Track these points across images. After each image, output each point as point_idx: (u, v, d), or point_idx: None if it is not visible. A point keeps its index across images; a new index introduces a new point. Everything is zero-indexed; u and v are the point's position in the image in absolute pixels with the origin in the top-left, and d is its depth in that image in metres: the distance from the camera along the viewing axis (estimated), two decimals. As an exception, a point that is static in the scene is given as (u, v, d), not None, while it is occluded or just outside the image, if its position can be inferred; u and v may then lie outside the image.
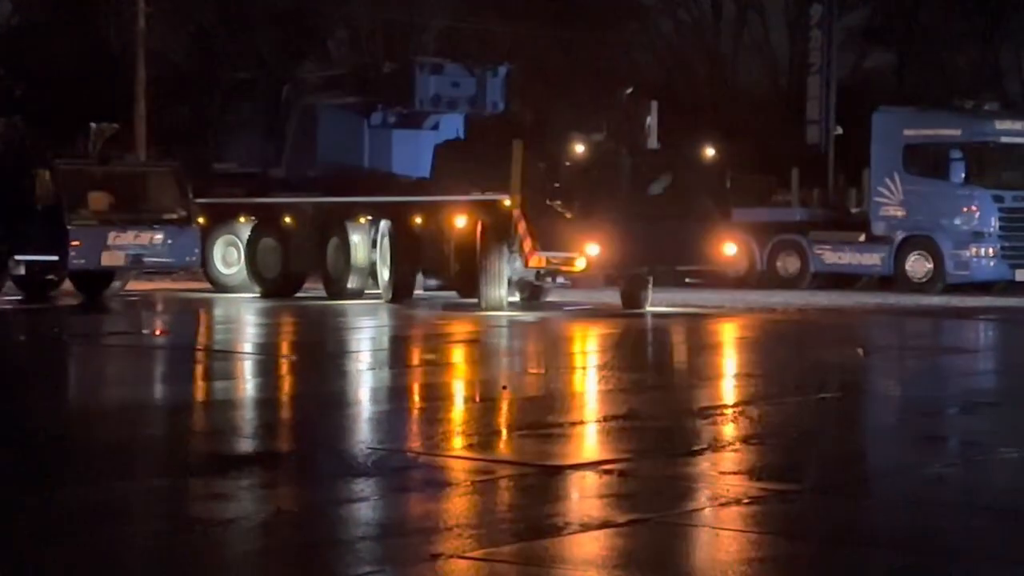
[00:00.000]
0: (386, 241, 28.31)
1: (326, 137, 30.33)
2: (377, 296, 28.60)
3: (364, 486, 10.09)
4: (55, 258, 27.39)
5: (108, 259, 27.65)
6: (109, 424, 13.24)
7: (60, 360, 19.46)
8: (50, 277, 29.13)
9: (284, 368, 18.31)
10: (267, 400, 15.02)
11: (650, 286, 26.96)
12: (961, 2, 48.88)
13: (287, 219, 30.02)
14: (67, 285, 29.76)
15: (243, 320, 25.84)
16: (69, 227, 27.09)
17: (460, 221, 27.14)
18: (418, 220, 27.93)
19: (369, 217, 28.70)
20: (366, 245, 28.65)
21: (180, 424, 13.09)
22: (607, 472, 10.39)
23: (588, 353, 20.98)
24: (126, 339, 22.07)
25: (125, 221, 27.85)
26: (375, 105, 29.95)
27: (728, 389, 15.90)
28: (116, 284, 29.04)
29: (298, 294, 30.14)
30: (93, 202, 27.88)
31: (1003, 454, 11.57)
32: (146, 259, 28.19)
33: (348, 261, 28.65)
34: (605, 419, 13.30)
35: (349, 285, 28.71)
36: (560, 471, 10.50)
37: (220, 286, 31.02)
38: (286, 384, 16.61)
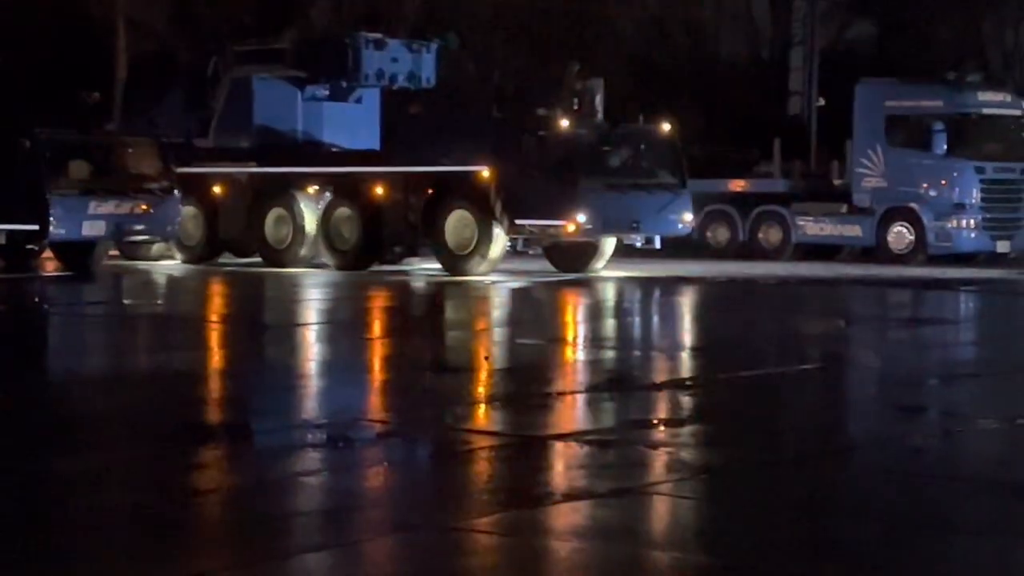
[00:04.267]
0: (338, 211, 29.02)
1: (261, 109, 30.77)
2: (323, 265, 29.36)
3: (341, 457, 10.09)
4: (36, 227, 27.28)
5: (89, 229, 27.56)
6: (86, 395, 13.23)
7: (40, 330, 19.43)
8: (31, 247, 29.02)
9: (251, 335, 18.30)
10: (241, 372, 15.01)
11: (603, 252, 28.64)
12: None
13: (216, 188, 30.47)
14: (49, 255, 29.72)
15: (213, 289, 25.87)
16: (49, 196, 26.99)
17: (429, 191, 27.93)
18: (379, 191, 28.56)
19: (317, 187, 29.29)
20: (315, 215, 29.26)
21: (162, 394, 13.08)
22: (589, 443, 10.40)
23: (574, 323, 21.01)
24: (105, 309, 22.04)
25: (106, 191, 27.76)
26: (313, 78, 30.31)
27: (709, 360, 15.91)
28: (98, 253, 28.95)
29: (224, 261, 30.80)
30: (73, 171, 27.76)
31: (982, 425, 11.61)
32: (127, 229, 28.11)
33: (295, 230, 29.31)
34: (586, 389, 13.31)
35: (301, 253, 29.43)
36: (542, 441, 10.51)
37: (135, 256, 31.15)
38: (258, 352, 16.60)
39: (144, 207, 28.04)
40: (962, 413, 12.37)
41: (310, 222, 29.48)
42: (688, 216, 28.67)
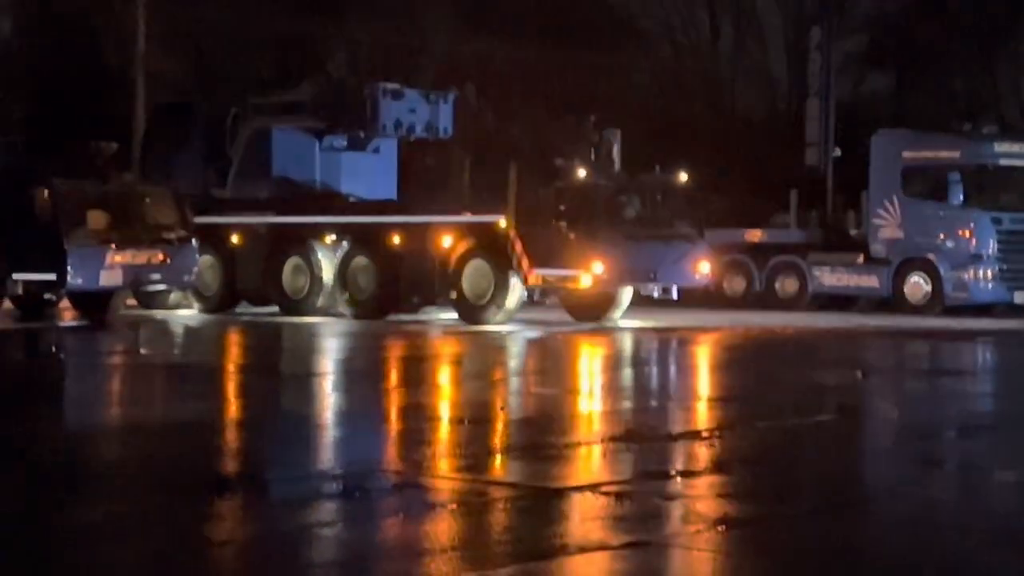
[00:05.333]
0: (356, 260, 29.13)
1: (280, 159, 30.95)
2: (340, 315, 29.41)
3: (356, 508, 10.07)
4: (53, 277, 27.35)
5: (106, 278, 27.62)
6: (104, 444, 13.22)
7: (57, 380, 19.44)
8: (48, 296, 29.09)
9: (270, 386, 18.30)
10: (260, 420, 15.00)
11: (621, 302, 28.66)
12: (959, 26, 48.94)
13: (234, 238, 30.56)
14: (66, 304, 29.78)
15: (231, 339, 25.88)
16: (67, 246, 27.06)
17: (447, 241, 27.90)
18: (396, 241, 28.65)
19: (334, 237, 29.35)
20: (332, 264, 29.33)
21: (180, 444, 13.07)
22: (605, 494, 10.38)
23: (591, 373, 20.98)
24: (122, 358, 22.06)
25: (123, 240, 27.83)
26: (331, 129, 30.46)
27: (726, 410, 15.87)
28: (115, 303, 28.99)
29: (241, 310, 30.91)
30: (92, 221, 27.84)
31: (1000, 477, 11.56)
32: (144, 278, 28.18)
33: (313, 280, 29.41)
34: (603, 440, 13.28)
35: (318, 303, 29.54)
36: (558, 493, 10.49)
37: (152, 305, 31.19)
38: (277, 403, 16.58)
39: (161, 257, 28.10)
40: (980, 465, 12.32)
41: (327, 272, 29.56)
42: (705, 266, 28.65)
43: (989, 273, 31.80)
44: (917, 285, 32.40)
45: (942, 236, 32.15)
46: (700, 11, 53.32)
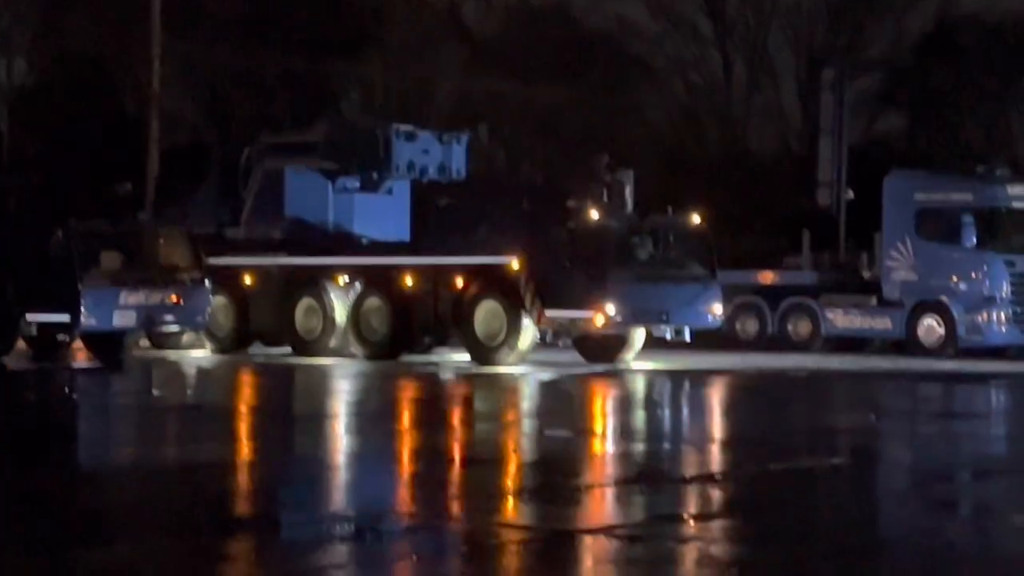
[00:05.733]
0: (368, 301, 29.12)
1: (293, 200, 30.98)
2: (352, 356, 29.41)
3: (369, 551, 10.06)
4: (67, 318, 27.38)
5: (120, 319, 27.66)
6: (118, 486, 13.22)
7: (71, 421, 19.45)
8: (62, 337, 29.13)
9: (283, 428, 18.29)
10: (274, 462, 14.99)
11: (633, 343, 28.58)
12: (972, 67, 48.99)
13: (247, 279, 30.56)
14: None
15: (243, 380, 25.89)
16: (81, 287, 27.11)
17: (459, 283, 27.97)
18: (409, 282, 28.60)
19: (347, 278, 29.36)
20: (345, 305, 29.31)
21: (192, 486, 13.07)
22: (619, 537, 10.35)
23: (606, 414, 20.95)
24: (135, 400, 22.07)
25: (137, 281, 27.87)
26: (344, 170, 30.50)
27: (740, 452, 15.84)
28: (128, 344, 29.03)
29: (253, 351, 30.87)
30: (105, 262, 27.90)
31: (1016, 521, 11.52)
32: (157, 319, 28.21)
33: (326, 321, 29.38)
34: (617, 482, 13.26)
35: (330, 344, 29.51)
36: (572, 536, 10.46)
37: (165, 345, 31.19)
38: (291, 445, 16.58)
39: (175, 298, 28.13)
40: (995, 508, 12.28)
41: (340, 313, 29.57)
42: (718, 308, 28.62)
43: (1003, 316, 31.74)
44: (930, 327, 32.34)
45: (955, 278, 32.10)
46: (713, 50, 53.47)
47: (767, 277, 34.80)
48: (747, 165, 48.99)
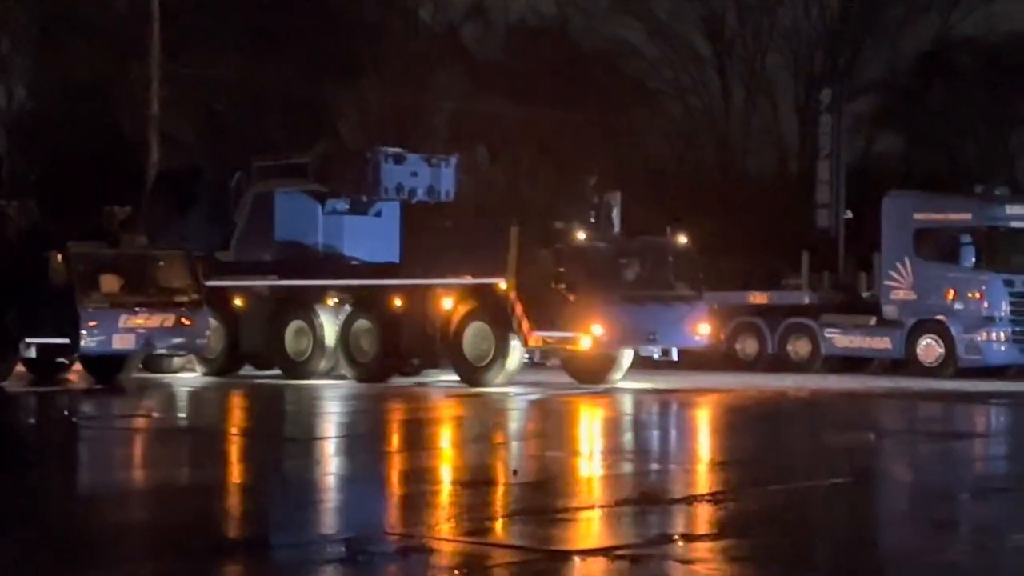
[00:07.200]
0: (358, 323, 29.21)
1: (282, 223, 31.03)
2: (342, 378, 29.49)
3: (361, 572, 10.03)
4: (66, 341, 27.38)
5: (119, 342, 27.66)
6: (113, 508, 13.20)
7: (70, 443, 19.42)
8: (61, 360, 29.12)
9: (280, 449, 18.26)
10: (265, 484, 14.97)
11: (621, 364, 28.65)
12: (969, 87, 49.07)
13: (237, 301, 30.63)
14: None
15: (235, 402, 25.90)
16: (80, 310, 27.11)
17: (448, 304, 28.09)
18: (398, 303, 28.70)
19: (337, 300, 29.42)
20: (334, 327, 29.40)
21: (186, 508, 13.04)
22: (618, 558, 10.33)
23: (601, 435, 20.93)
24: (135, 422, 22.04)
25: (136, 304, 27.88)
26: (333, 193, 30.52)
27: (739, 472, 15.81)
28: (128, 366, 29.00)
29: (244, 373, 30.94)
30: (105, 285, 27.91)
31: (1016, 540, 11.50)
32: (157, 342, 28.20)
33: (315, 343, 29.45)
34: (614, 503, 13.23)
35: (320, 366, 29.57)
36: (568, 557, 10.44)
37: (157, 369, 31.20)
38: (282, 467, 16.55)
39: (174, 320, 28.14)
40: (996, 528, 12.25)
41: (330, 334, 29.64)
42: (705, 328, 28.67)
43: (1002, 335, 31.74)
44: (930, 347, 32.34)
45: (954, 298, 32.11)
46: (711, 71, 53.53)
47: (766, 298, 34.80)
48: (745, 186, 49.02)
